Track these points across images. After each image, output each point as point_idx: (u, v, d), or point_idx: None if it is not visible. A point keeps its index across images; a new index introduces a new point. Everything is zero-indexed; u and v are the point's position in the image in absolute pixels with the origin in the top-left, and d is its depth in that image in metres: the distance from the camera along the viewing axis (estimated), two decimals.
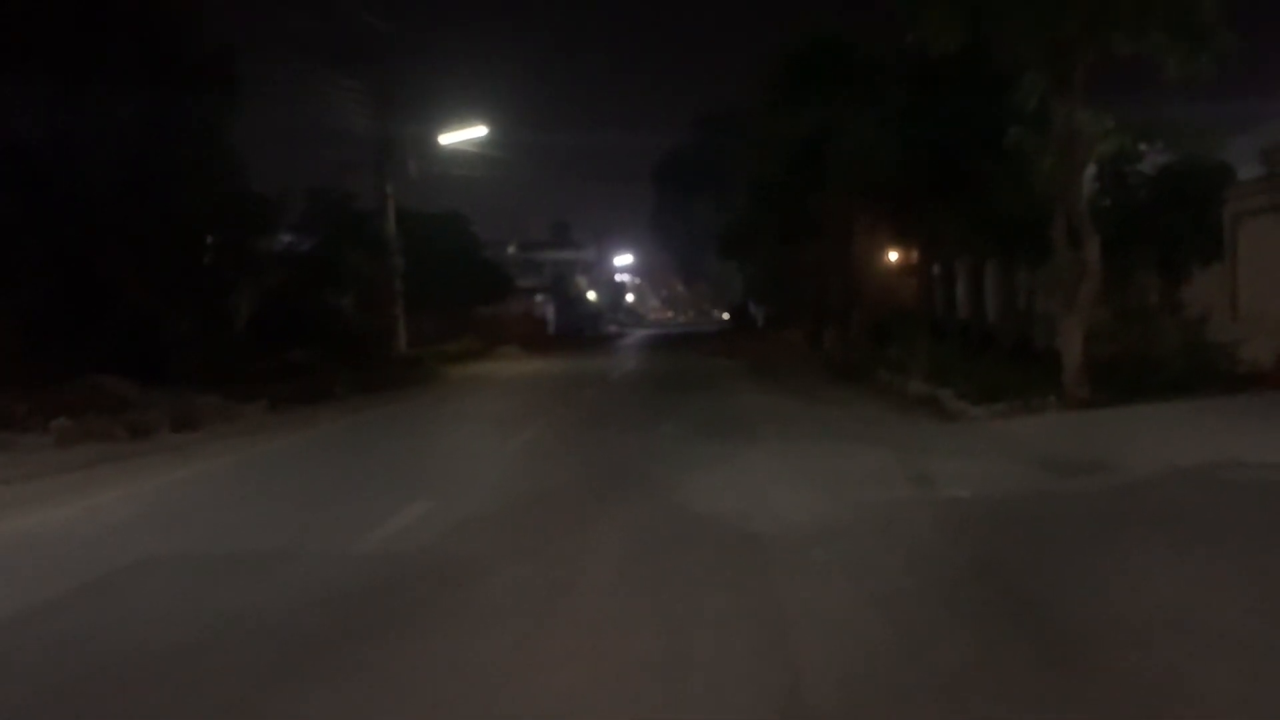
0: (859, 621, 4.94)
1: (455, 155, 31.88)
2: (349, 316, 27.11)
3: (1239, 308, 15.40)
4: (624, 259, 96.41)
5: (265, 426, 15.24)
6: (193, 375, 17.67)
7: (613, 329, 73.17)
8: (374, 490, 9.50)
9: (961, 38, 12.45)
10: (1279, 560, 5.69)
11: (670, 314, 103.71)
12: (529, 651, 4.76)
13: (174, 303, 19.08)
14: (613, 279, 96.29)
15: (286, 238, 27.13)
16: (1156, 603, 5.01)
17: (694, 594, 5.52)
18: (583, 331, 59.39)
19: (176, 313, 19.10)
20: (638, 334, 64.50)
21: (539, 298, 58.62)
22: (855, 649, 4.56)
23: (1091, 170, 13.11)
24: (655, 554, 6.51)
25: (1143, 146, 15.57)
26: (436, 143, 30.86)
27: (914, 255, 28.47)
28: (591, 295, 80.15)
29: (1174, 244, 15.97)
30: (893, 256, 31.52)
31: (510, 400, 19.80)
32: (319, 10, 25.09)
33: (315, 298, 25.27)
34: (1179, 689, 3.97)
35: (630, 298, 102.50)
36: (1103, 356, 13.21)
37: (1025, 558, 6.03)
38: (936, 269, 27.83)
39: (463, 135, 31.35)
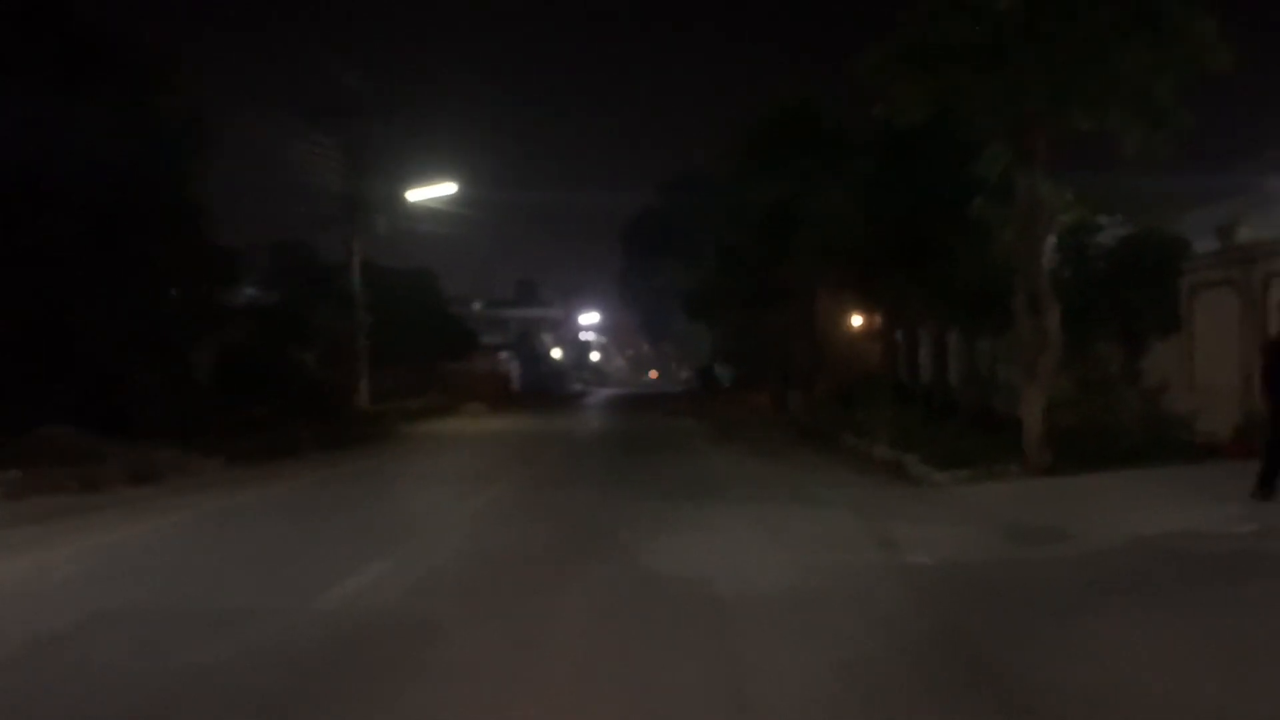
0: (823, 688, 4.91)
1: (424, 212, 31.96)
2: (313, 371, 26.90)
3: (1195, 379, 15.69)
4: (590, 318, 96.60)
5: (224, 482, 15.00)
6: (153, 428, 17.39)
7: (578, 387, 73.07)
8: (334, 548, 9.34)
9: (927, 111, 12.75)
10: (1233, 630, 5.74)
11: (635, 373, 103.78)
12: (493, 714, 4.68)
13: (135, 354, 18.84)
14: (578, 338, 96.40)
15: (252, 291, 26.99)
16: (1117, 672, 5.03)
17: (657, 658, 5.47)
18: (548, 390, 59.23)
19: (138, 364, 18.85)
20: (603, 393, 64.48)
21: (504, 355, 58.52)
22: (819, 714, 4.53)
23: (1052, 241, 13.37)
24: (619, 617, 6.46)
25: (1102, 219, 15.96)
26: (406, 199, 30.95)
27: (879, 321, 28.78)
28: (557, 353, 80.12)
29: (1133, 315, 16.27)
30: (858, 321, 31.86)
31: (473, 458, 19.65)
32: (293, 67, 25.29)
33: (279, 352, 25.06)
34: None
35: (596, 356, 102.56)
36: (1064, 425, 13.36)
37: (988, 625, 6.04)
38: (901, 335, 28.13)
39: (432, 192, 31.47)
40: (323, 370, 27.51)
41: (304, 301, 26.59)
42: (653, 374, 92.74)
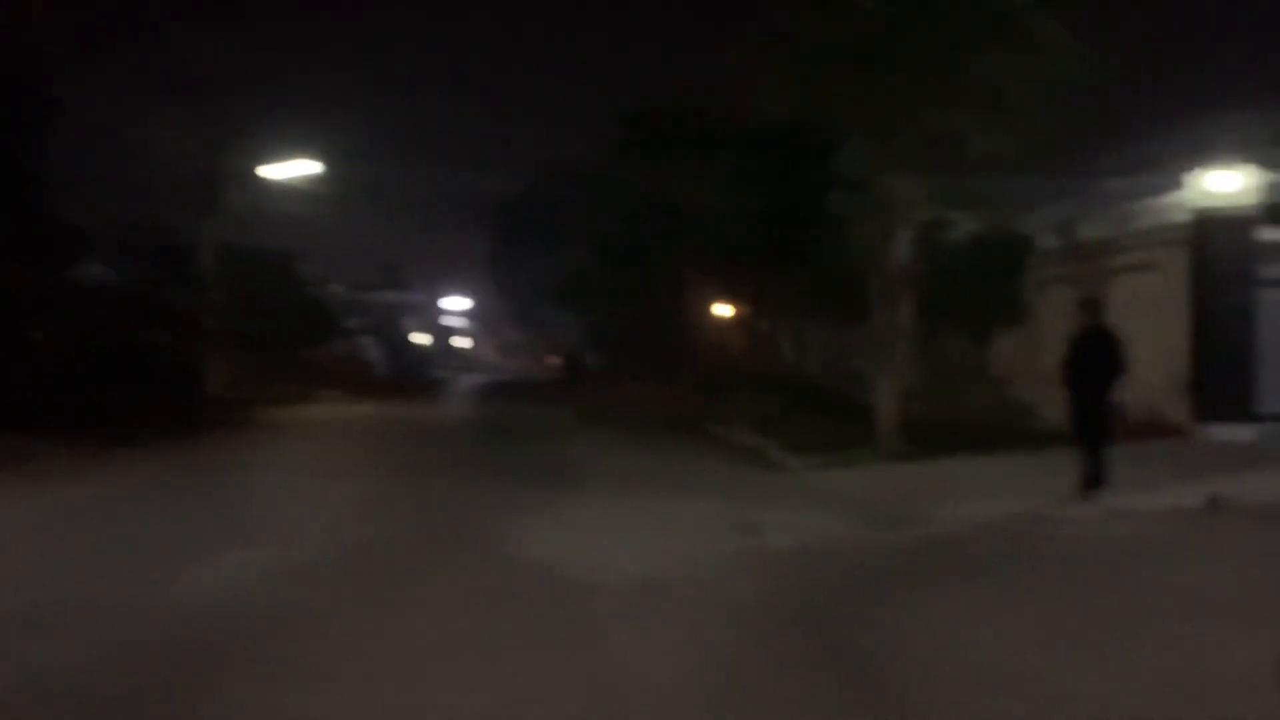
0: (685, 673, 5.02)
1: (286, 191, 30.92)
2: (164, 355, 25.72)
3: (1039, 369, 16.55)
4: (458, 303, 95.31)
5: (71, 470, 14.22)
6: None
7: (445, 374, 72.05)
8: (188, 539, 8.98)
9: (792, 106, 13.08)
10: (1075, 610, 6.12)
11: (501, 360, 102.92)
12: (350, 708, 4.62)
13: None
14: (444, 323, 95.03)
15: (103, 271, 25.63)
16: (962, 649, 5.30)
17: (521, 646, 5.49)
18: (414, 376, 58.17)
19: None
20: (470, 380, 63.75)
21: (367, 340, 57.14)
22: (681, 701, 4.63)
23: (908, 237, 13.89)
24: (484, 606, 6.45)
25: (955, 216, 16.65)
26: (266, 177, 29.89)
27: (745, 312, 29.36)
28: (423, 339, 78.78)
29: (980, 308, 17.05)
30: (725, 312, 32.41)
31: (333, 446, 19.18)
32: (147, 38, 24.06)
33: (128, 335, 23.88)
34: None
35: (464, 343, 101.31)
36: (916, 413, 13.93)
37: (845, 608, 6.27)
38: (766, 325, 28.78)
39: (294, 170, 30.46)
40: (176, 354, 26.34)
41: (158, 282, 25.39)
42: (552, 359, 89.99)
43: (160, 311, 25.25)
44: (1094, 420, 9.65)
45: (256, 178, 29.74)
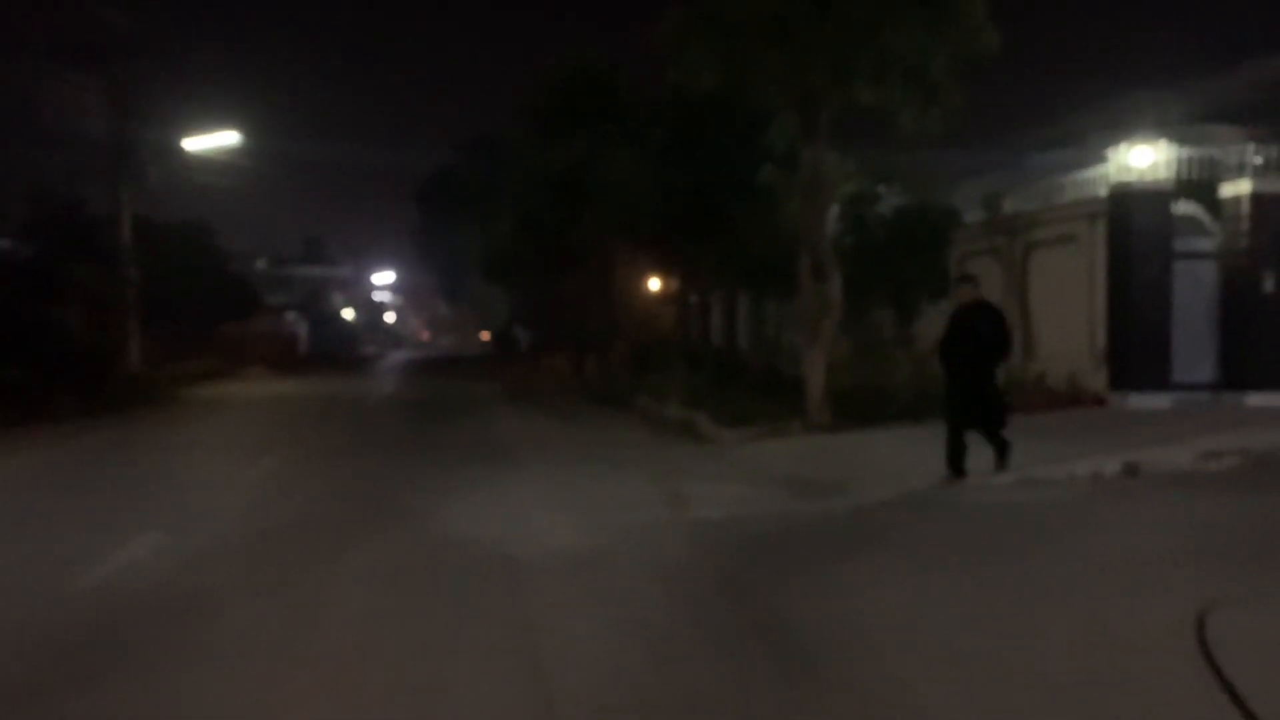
0: (612, 645, 4.97)
1: (203, 163, 30.04)
2: (74, 332, 24.84)
3: None
4: (385, 278, 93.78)
5: None
6: None
7: (371, 350, 71.02)
8: (98, 522, 8.68)
9: (718, 79, 12.98)
10: (994, 576, 6.19)
11: (429, 336, 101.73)
12: (271, 691, 4.49)
13: None
14: (371, 298, 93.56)
15: (5, 245, 24.60)
16: (888, 618, 5.33)
17: (447, 623, 5.41)
18: (339, 352, 57.23)
19: None
20: (398, 356, 62.97)
21: (290, 316, 56.02)
22: (608, 673, 4.59)
23: (835, 211, 13.94)
24: (409, 583, 6.34)
25: (881, 190, 16.78)
26: (182, 149, 28.97)
27: (673, 285, 29.34)
28: (348, 314, 77.50)
29: (906, 282, 17.22)
30: (654, 286, 32.35)
31: (255, 425, 18.77)
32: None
33: (34, 311, 22.99)
34: (904, 699, 4.23)
35: (391, 318, 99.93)
36: (843, 386, 14.04)
37: (771, 577, 6.27)
38: (694, 299, 28.80)
39: (211, 142, 29.57)
40: (88, 331, 25.45)
41: (66, 256, 24.44)
42: (483, 335, 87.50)
43: (69, 288, 24.30)
44: (979, 402, 9.08)
45: (174, 149, 28.84)
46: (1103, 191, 14.98)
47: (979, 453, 9.20)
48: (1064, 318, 15.64)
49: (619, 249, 25.15)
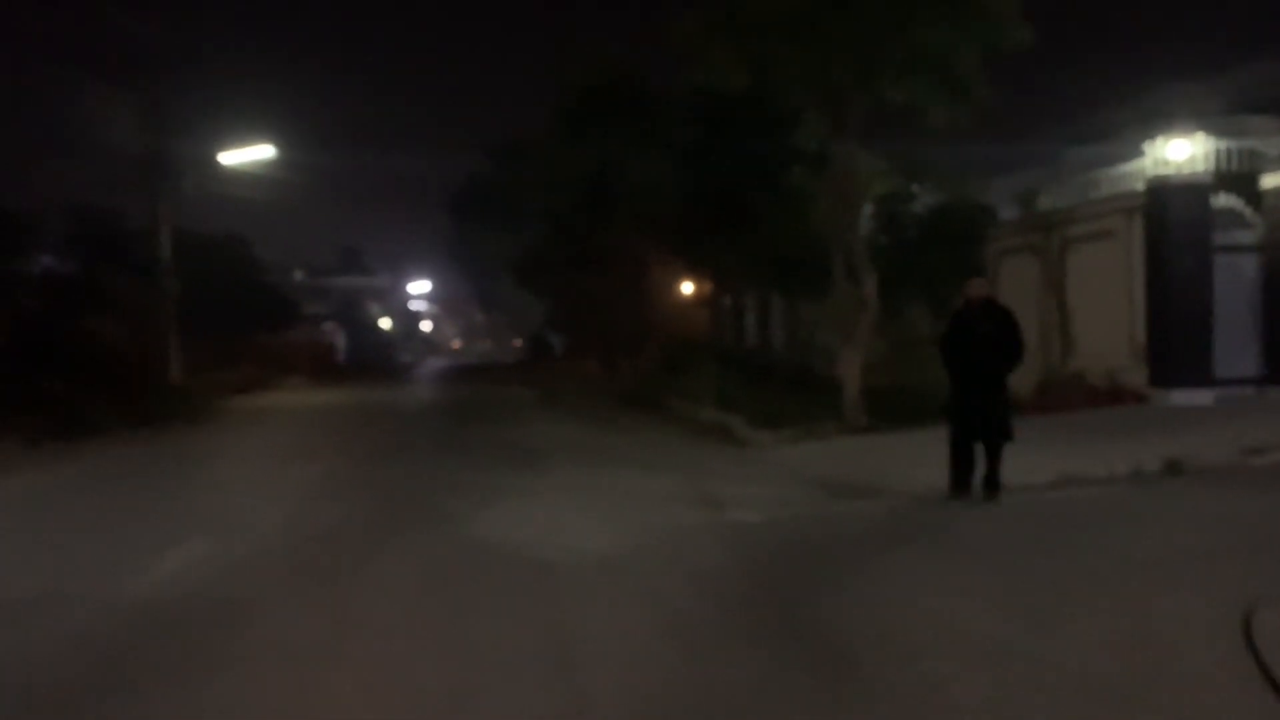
0: (649, 648, 4.98)
1: (240, 175, 30.40)
2: (115, 344, 25.23)
3: None
4: (420, 286, 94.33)
5: (21, 462, 13.94)
6: None
7: (408, 358, 71.51)
8: (145, 529, 8.81)
9: (745, 80, 12.95)
10: (1033, 574, 6.14)
11: (458, 345, 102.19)
12: (316, 693, 4.55)
13: None
14: (408, 307, 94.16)
15: (49, 259, 25.06)
16: (924, 617, 5.30)
17: (486, 626, 5.44)
18: (376, 361, 57.71)
19: None
20: (434, 364, 63.37)
21: (328, 326, 56.60)
22: (645, 675, 4.59)
23: (868, 209, 13.88)
24: (447, 587, 6.38)
25: (914, 187, 16.67)
26: (219, 162, 29.36)
27: (706, 287, 29.31)
28: (385, 323, 78.07)
29: (941, 280, 17.09)
30: (686, 288, 32.31)
31: (295, 433, 18.95)
32: (87, 16, 23.45)
33: (77, 324, 23.39)
34: (942, 697, 4.20)
35: (426, 326, 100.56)
36: (878, 385, 13.96)
37: (808, 579, 6.25)
38: (727, 301, 28.75)
39: (248, 155, 29.94)
40: (129, 343, 25.83)
41: (106, 269, 24.84)
42: (516, 341, 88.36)
43: (109, 300, 24.70)
44: (980, 412, 8.28)
45: (211, 163, 29.23)
46: (1140, 186, 14.79)
47: (1017, 451, 9.02)
48: (1103, 314, 15.47)
49: (649, 251, 25.14)
